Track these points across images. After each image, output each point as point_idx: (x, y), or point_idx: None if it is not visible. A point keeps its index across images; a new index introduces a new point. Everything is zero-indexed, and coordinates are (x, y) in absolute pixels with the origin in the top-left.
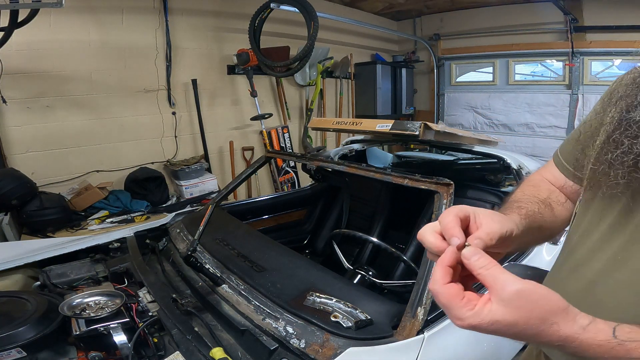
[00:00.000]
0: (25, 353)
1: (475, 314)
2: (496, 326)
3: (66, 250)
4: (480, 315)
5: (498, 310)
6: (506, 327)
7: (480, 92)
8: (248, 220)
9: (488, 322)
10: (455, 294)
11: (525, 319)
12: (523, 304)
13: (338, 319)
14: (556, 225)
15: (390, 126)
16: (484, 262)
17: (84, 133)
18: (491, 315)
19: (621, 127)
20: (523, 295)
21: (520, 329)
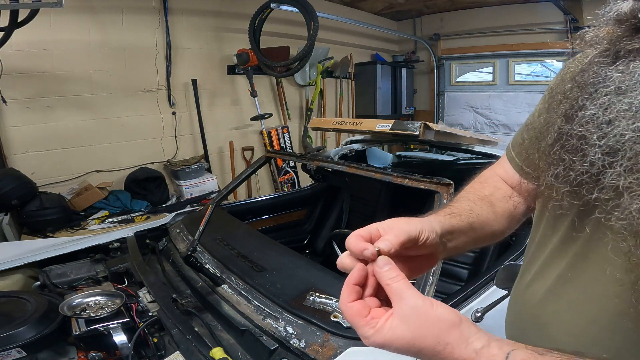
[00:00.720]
0: (25, 353)
1: (377, 332)
2: (397, 344)
3: (66, 250)
4: (382, 332)
5: (398, 327)
6: (406, 345)
7: (480, 92)
8: (248, 220)
9: (389, 339)
10: (358, 312)
11: (421, 338)
12: (419, 322)
13: (338, 319)
14: (498, 223)
15: (390, 126)
16: (393, 274)
17: (84, 133)
18: (392, 332)
19: (561, 139)
20: (419, 313)
21: (419, 349)
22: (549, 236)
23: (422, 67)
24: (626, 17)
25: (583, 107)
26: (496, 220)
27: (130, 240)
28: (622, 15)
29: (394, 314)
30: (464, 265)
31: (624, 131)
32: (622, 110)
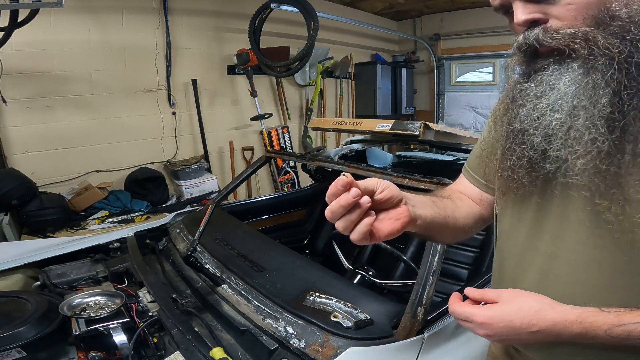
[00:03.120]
0: (25, 353)
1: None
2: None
3: (66, 250)
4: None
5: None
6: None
7: (480, 92)
8: (248, 220)
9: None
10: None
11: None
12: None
13: (338, 319)
14: (462, 217)
15: (390, 126)
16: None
17: (84, 133)
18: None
19: (510, 137)
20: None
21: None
22: (520, 220)
23: (422, 67)
24: (520, 46)
25: (519, 112)
26: (460, 214)
27: (130, 240)
28: (518, 45)
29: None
30: (464, 265)
31: (549, 121)
32: (543, 108)
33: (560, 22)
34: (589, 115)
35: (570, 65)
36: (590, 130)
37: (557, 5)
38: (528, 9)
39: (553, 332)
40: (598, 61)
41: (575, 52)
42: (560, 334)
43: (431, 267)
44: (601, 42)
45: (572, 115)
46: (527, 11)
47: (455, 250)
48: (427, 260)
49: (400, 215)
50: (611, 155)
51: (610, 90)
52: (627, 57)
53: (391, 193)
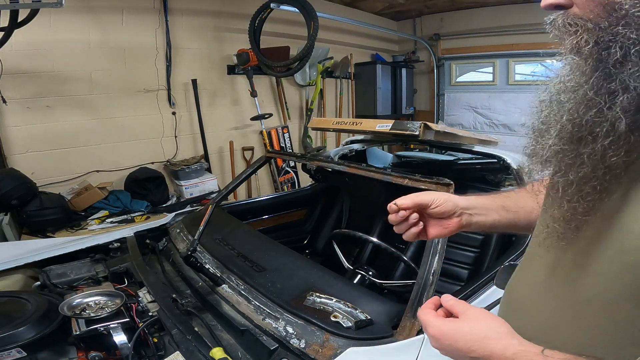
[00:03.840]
0: (25, 353)
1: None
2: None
3: (66, 250)
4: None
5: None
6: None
7: (480, 92)
8: (248, 220)
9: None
10: (433, 313)
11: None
12: (476, 322)
13: (338, 319)
14: (535, 209)
15: (390, 126)
16: (453, 302)
17: (84, 133)
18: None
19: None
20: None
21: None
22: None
23: (422, 67)
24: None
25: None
26: (532, 204)
27: (130, 240)
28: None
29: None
30: (464, 265)
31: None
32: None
33: (577, 9)
34: (557, 120)
35: (567, 56)
36: (552, 137)
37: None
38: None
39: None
40: (581, 58)
41: (572, 43)
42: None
43: (431, 267)
44: (580, 36)
45: (555, 113)
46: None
47: (455, 250)
48: (427, 260)
49: (448, 225)
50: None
51: (580, 93)
52: (605, 56)
53: (444, 209)
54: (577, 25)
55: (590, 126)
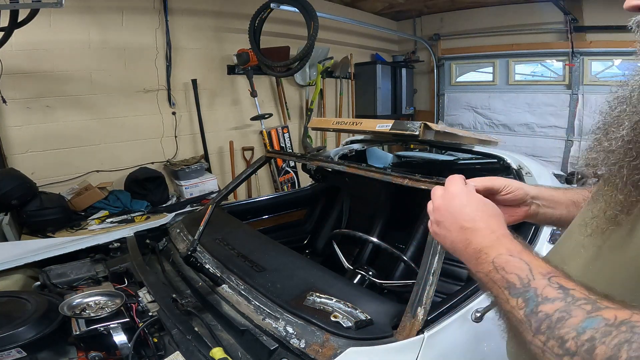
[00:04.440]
0: (25, 353)
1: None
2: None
3: (66, 250)
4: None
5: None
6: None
7: (480, 92)
8: (248, 220)
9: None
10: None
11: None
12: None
13: (338, 319)
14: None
15: (390, 126)
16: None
17: (84, 133)
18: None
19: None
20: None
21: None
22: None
23: (422, 67)
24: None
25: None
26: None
27: (130, 240)
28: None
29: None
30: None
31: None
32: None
33: None
34: (635, 112)
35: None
36: (626, 127)
37: None
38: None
39: (471, 236)
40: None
41: None
42: (472, 241)
43: (431, 267)
44: None
45: (633, 107)
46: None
47: None
48: (427, 260)
49: (515, 213)
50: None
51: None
52: None
53: (515, 197)
54: None
55: None
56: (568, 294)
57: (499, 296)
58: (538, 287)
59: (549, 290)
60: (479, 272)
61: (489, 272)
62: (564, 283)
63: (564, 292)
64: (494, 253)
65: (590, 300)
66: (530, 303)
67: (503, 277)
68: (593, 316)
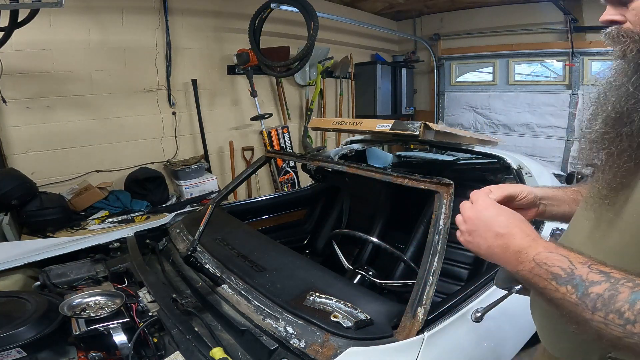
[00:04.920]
0: (25, 353)
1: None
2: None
3: (66, 250)
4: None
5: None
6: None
7: (480, 92)
8: (248, 220)
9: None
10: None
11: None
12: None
13: (338, 319)
14: None
15: (390, 126)
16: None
17: (84, 133)
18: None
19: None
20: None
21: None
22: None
23: (422, 67)
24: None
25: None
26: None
27: (130, 240)
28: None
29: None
30: (464, 265)
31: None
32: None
33: (629, 24)
34: (603, 110)
35: (616, 62)
36: (598, 123)
37: (627, 10)
38: (611, 11)
39: (509, 240)
40: (627, 63)
41: (620, 52)
42: (510, 245)
43: (431, 267)
44: (628, 46)
45: (602, 106)
46: (610, 13)
47: (455, 250)
48: (427, 260)
49: (526, 215)
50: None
51: (623, 89)
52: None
53: (528, 201)
54: (626, 37)
55: (629, 113)
56: (610, 276)
57: (547, 287)
58: (582, 273)
59: (592, 275)
60: (522, 270)
61: (532, 269)
62: (602, 268)
63: (606, 275)
64: (532, 252)
65: (629, 278)
66: (579, 288)
67: (547, 270)
68: (636, 290)
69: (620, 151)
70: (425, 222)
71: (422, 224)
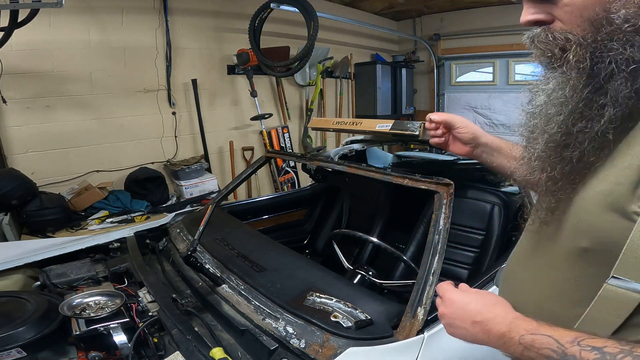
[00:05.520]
0: (25, 353)
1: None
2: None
3: (66, 250)
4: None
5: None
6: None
7: (480, 92)
8: (248, 220)
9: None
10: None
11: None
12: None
13: (338, 319)
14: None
15: (390, 126)
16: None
17: (84, 133)
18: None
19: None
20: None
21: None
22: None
23: (422, 67)
24: (529, 45)
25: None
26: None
27: (130, 240)
28: (525, 42)
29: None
30: (464, 265)
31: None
32: (528, 111)
33: (561, 24)
34: (544, 130)
35: (555, 71)
36: (540, 144)
37: (557, 7)
38: (532, 10)
39: (488, 326)
40: (571, 73)
41: (560, 59)
42: (491, 330)
43: (431, 267)
44: (574, 52)
45: (543, 125)
46: (531, 12)
47: (455, 250)
48: (427, 260)
49: (462, 149)
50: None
51: (570, 107)
52: (597, 70)
53: (464, 138)
54: (564, 40)
55: (578, 135)
56: (604, 352)
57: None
58: (575, 353)
59: (585, 354)
60: (513, 352)
61: (522, 352)
62: (593, 343)
63: (599, 351)
64: (515, 335)
65: (625, 351)
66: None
67: (538, 353)
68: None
69: (563, 175)
70: (425, 222)
71: (422, 224)
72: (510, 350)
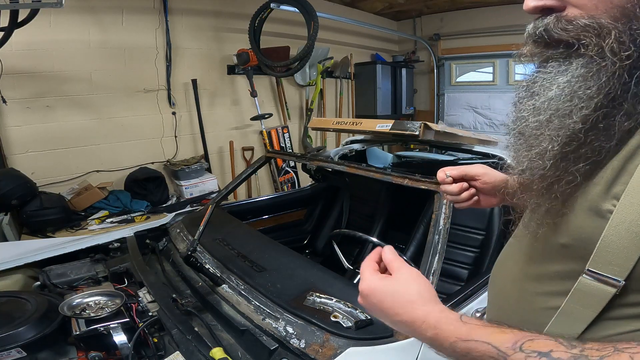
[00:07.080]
0: (25, 353)
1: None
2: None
3: (66, 250)
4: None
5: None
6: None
7: (480, 92)
8: (248, 220)
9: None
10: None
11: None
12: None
13: (338, 319)
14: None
15: (390, 126)
16: (392, 257)
17: (84, 133)
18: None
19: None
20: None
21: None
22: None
23: (422, 67)
24: (530, 36)
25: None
26: None
27: (130, 240)
28: (528, 34)
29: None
30: (464, 265)
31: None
32: (528, 110)
33: (577, 10)
34: (559, 125)
35: (572, 63)
36: (545, 142)
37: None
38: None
39: (410, 329)
40: (600, 64)
41: (583, 48)
42: (415, 332)
43: (431, 267)
44: (609, 41)
45: (557, 121)
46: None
47: (455, 250)
48: (427, 260)
49: (490, 202)
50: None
51: (595, 103)
52: (632, 65)
53: (488, 188)
54: (579, 29)
55: (601, 131)
56: (551, 356)
57: None
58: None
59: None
60: (447, 356)
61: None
62: (538, 347)
63: (546, 356)
64: (445, 342)
65: (575, 355)
66: None
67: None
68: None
69: (566, 196)
70: (425, 222)
71: (422, 224)
72: (443, 354)
